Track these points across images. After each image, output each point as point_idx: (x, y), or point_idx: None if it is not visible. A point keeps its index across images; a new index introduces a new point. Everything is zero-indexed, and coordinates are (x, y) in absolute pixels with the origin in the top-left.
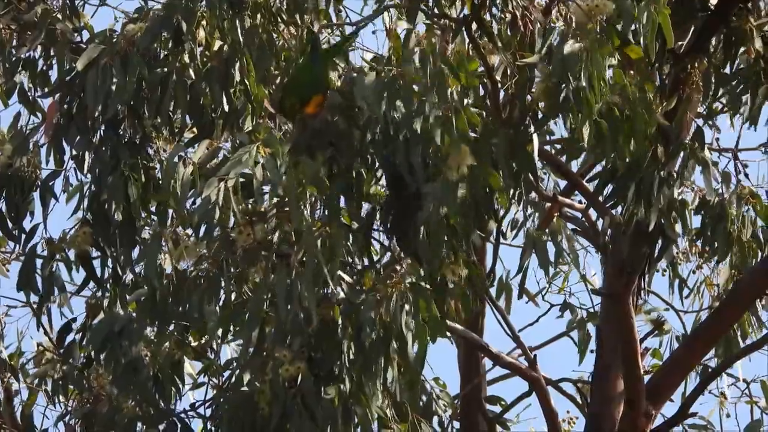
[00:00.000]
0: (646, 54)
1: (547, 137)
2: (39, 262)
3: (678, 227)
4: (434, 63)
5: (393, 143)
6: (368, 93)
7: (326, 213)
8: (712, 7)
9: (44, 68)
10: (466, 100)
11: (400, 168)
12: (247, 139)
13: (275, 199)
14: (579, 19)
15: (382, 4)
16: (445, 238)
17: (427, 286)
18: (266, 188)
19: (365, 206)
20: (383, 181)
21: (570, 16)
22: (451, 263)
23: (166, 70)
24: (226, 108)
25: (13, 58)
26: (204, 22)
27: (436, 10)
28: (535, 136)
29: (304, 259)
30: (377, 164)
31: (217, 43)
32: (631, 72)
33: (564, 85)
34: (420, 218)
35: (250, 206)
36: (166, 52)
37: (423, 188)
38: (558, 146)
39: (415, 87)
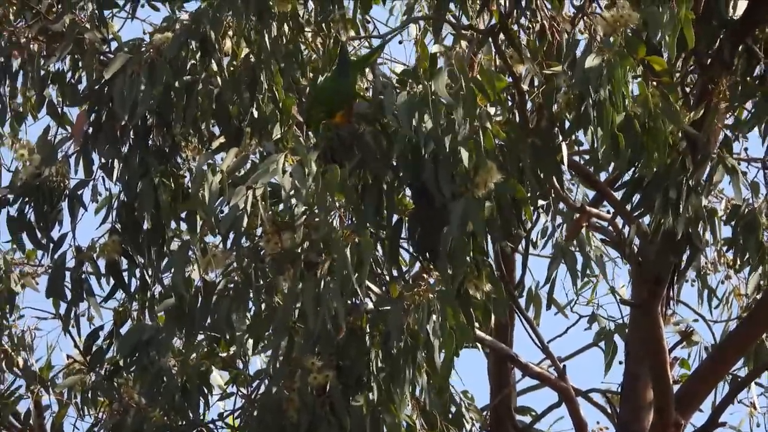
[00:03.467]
0: (668, 61)
1: (576, 147)
2: (67, 272)
3: (707, 236)
4: (463, 81)
5: (421, 159)
6: (400, 110)
7: (354, 222)
8: (738, 18)
9: (73, 80)
10: (493, 113)
11: (428, 184)
12: (274, 148)
13: (303, 208)
14: (604, 30)
15: (410, 16)
16: (470, 254)
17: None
18: (294, 197)
19: (393, 217)
20: (410, 192)
21: (595, 28)
22: (474, 278)
23: (191, 77)
24: (255, 115)
25: (42, 71)
26: (231, 32)
27: (464, 20)
28: (563, 145)
29: (333, 268)
30: (404, 176)
31: (244, 52)
32: (654, 83)
33: (585, 98)
34: (445, 235)
35: (278, 215)
36: (193, 61)
37: (449, 205)
38: (586, 156)
39: (443, 100)
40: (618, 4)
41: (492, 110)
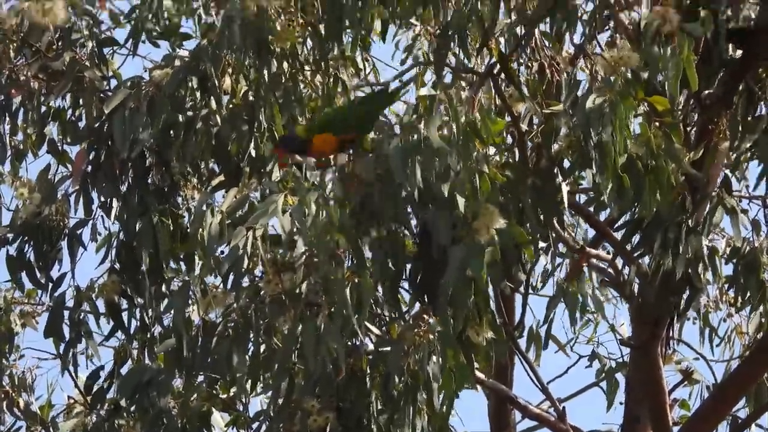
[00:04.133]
0: (671, 99)
1: (577, 186)
2: (66, 312)
3: (708, 275)
4: (455, 126)
5: (419, 205)
6: (393, 157)
7: (355, 263)
8: (737, 58)
9: (73, 118)
10: (491, 154)
11: (429, 229)
12: (276, 187)
13: (303, 248)
14: (604, 70)
15: (410, 54)
16: (471, 299)
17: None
18: (295, 237)
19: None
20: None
21: (595, 69)
22: (476, 324)
23: (191, 113)
24: (253, 153)
25: (42, 109)
26: (230, 70)
27: (463, 60)
28: (563, 186)
29: (333, 309)
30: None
31: (243, 89)
32: (656, 123)
33: (587, 139)
34: (444, 281)
35: (278, 255)
36: (192, 99)
37: (449, 251)
38: (586, 195)
39: (436, 146)
40: (618, 44)
41: (492, 150)
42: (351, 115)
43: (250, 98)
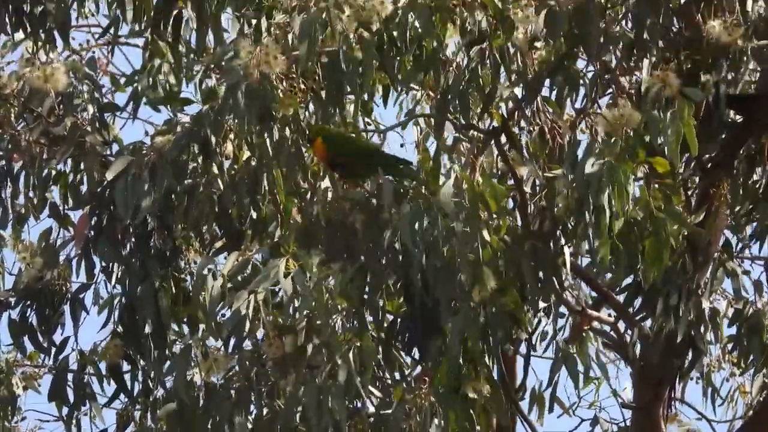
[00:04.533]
0: (671, 165)
1: (579, 249)
2: (70, 375)
3: (710, 335)
4: (466, 195)
5: (420, 267)
6: (402, 221)
7: (356, 325)
8: (738, 121)
9: (74, 182)
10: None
11: (426, 291)
12: (277, 252)
13: (305, 312)
14: (605, 129)
15: (412, 114)
16: (462, 357)
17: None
18: (296, 301)
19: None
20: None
21: (595, 129)
22: (472, 381)
23: (192, 180)
24: (255, 218)
25: (44, 173)
26: (232, 135)
27: (463, 121)
28: (566, 249)
29: (335, 371)
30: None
31: (246, 155)
32: (656, 185)
33: (585, 205)
34: (439, 344)
35: (279, 319)
36: (194, 164)
37: (445, 320)
38: (588, 257)
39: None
40: (619, 104)
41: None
42: (359, 148)
43: (252, 163)
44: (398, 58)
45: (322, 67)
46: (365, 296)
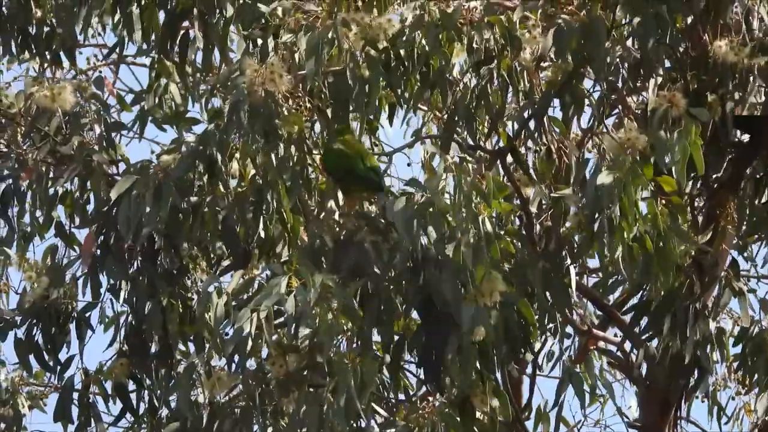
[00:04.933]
0: (678, 184)
1: (585, 269)
2: (75, 394)
3: (716, 354)
4: (465, 190)
5: (424, 269)
6: (398, 219)
7: (359, 344)
8: (745, 141)
9: (81, 201)
10: (500, 228)
11: (432, 295)
12: (280, 270)
13: (308, 330)
14: (613, 151)
15: (418, 136)
16: (476, 366)
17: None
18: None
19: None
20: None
21: (603, 148)
22: (481, 392)
23: (197, 198)
24: (262, 236)
25: (50, 192)
26: (237, 154)
27: (470, 141)
28: (572, 269)
29: (337, 390)
30: (407, 289)
31: (251, 173)
32: (663, 203)
33: (598, 216)
34: (452, 342)
35: (283, 337)
36: (200, 183)
37: (456, 313)
38: (594, 276)
39: (448, 216)
40: (626, 126)
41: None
42: (340, 167)
43: (258, 181)
44: (405, 77)
45: (328, 85)
46: (369, 313)
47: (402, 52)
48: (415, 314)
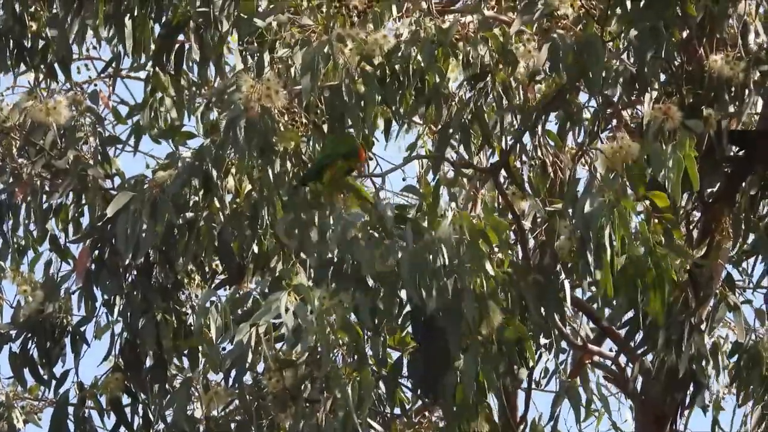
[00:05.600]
0: (672, 199)
1: (579, 282)
2: (71, 408)
3: (712, 369)
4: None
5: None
6: (403, 268)
7: (356, 359)
8: (740, 156)
9: (75, 215)
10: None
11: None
12: (277, 285)
13: (307, 345)
14: (604, 164)
15: (411, 153)
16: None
17: None
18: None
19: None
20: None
21: (594, 166)
22: (472, 418)
23: (192, 214)
24: (256, 250)
25: (45, 205)
26: (233, 169)
27: (465, 156)
28: (566, 283)
29: (335, 405)
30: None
31: (247, 188)
32: (656, 220)
33: (586, 243)
34: (449, 381)
35: (281, 352)
36: (195, 198)
37: (457, 358)
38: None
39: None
40: (618, 137)
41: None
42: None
43: (254, 196)
44: (400, 92)
45: (324, 100)
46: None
47: (397, 67)
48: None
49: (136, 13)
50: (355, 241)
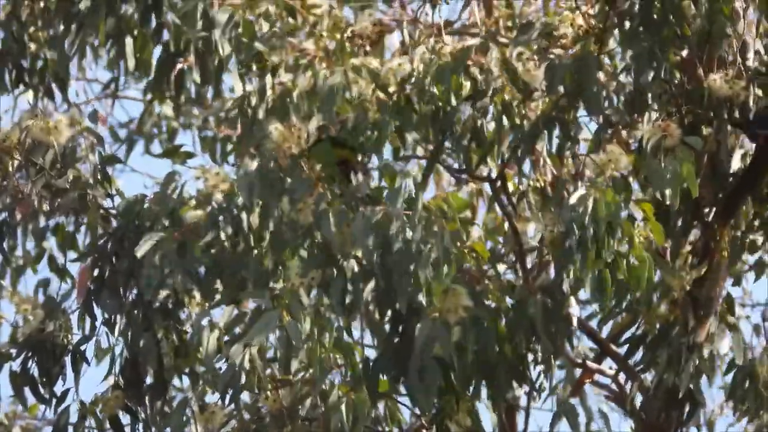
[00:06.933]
0: (664, 210)
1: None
2: (70, 428)
3: (711, 388)
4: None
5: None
6: (356, 231)
7: (352, 378)
8: (740, 174)
9: (73, 232)
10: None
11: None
12: (270, 304)
13: (301, 364)
14: (593, 171)
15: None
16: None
17: None
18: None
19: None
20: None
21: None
22: (454, 413)
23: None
24: (257, 269)
25: (41, 223)
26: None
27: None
28: (573, 300)
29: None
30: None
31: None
32: (640, 224)
33: (569, 235)
34: (414, 360)
35: (276, 371)
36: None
37: (418, 329)
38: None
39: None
40: (607, 149)
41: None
42: None
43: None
44: (415, 121)
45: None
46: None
47: (411, 94)
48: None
49: (136, 33)
50: (324, 215)
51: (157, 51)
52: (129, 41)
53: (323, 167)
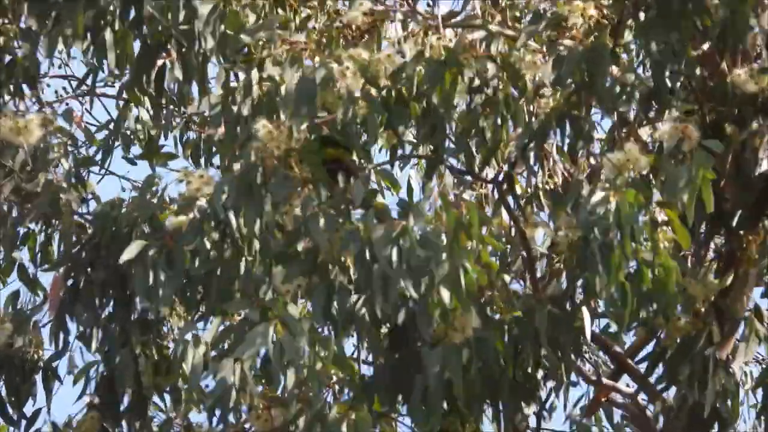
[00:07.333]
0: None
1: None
2: None
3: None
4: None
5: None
6: (376, 246)
7: (351, 395)
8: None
9: (45, 242)
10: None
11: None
12: (258, 317)
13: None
14: (610, 172)
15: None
16: (445, 405)
17: None
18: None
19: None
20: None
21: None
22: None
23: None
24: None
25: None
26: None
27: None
28: (585, 311)
29: None
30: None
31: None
32: (664, 228)
33: (590, 240)
34: (418, 381)
35: (268, 389)
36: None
37: (425, 352)
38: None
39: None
40: (625, 148)
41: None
42: None
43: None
44: (406, 116)
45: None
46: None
47: (403, 89)
48: None
49: (117, 27)
50: (313, 218)
51: (137, 46)
52: (108, 34)
53: (312, 168)
